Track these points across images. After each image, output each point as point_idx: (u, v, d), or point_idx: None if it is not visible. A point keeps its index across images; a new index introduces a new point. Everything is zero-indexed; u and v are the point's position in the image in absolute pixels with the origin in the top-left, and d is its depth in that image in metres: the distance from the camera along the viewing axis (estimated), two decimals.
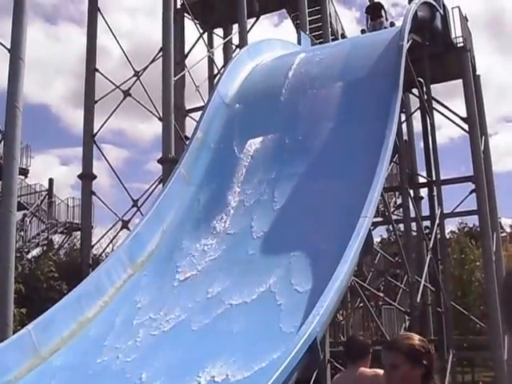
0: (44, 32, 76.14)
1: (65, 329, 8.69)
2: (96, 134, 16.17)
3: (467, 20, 18.20)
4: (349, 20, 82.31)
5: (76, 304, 9.09)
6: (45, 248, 19.12)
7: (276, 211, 10.48)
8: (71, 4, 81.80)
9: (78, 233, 18.57)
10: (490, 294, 16.36)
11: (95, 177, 16.08)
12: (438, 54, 16.87)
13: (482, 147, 17.33)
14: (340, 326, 18.23)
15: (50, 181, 21.84)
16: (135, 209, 15.72)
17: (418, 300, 13.10)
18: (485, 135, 18.28)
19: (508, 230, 45.42)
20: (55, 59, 67.59)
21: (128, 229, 15.35)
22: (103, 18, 16.63)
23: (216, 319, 8.44)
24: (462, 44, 17.36)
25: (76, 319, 8.93)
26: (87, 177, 15.86)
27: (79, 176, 16.03)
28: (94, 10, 16.72)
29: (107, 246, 18.46)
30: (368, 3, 18.32)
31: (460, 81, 17.49)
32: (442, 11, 16.56)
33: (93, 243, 17.03)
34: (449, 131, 63.64)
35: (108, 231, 17.64)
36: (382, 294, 17.58)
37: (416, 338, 2.86)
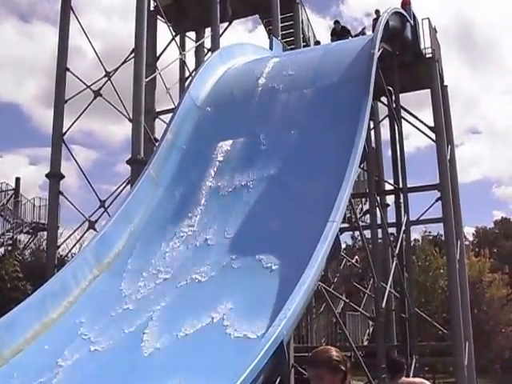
0: (18, 30, 74.98)
1: (28, 329, 8.58)
2: (65, 133, 15.99)
3: (436, 32, 18.58)
4: (322, 28, 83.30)
5: (40, 304, 9.00)
6: (9, 248, 18.82)
7: (244, 214, 10.53)
8: (47, 3, 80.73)
9: (44, 233, 18.32)
10: (452, 302, 16.66)
11: (63, 176, 15.90)
12: (407, 63, 17.20)
13: (448, 156, 17.69)
14: (304, 330, 18.33)
15: (17, 180, 21.52)
16: (102, 210, 15.58)
17: (383, 306, 13.26)
18: (451, 145, 18.65)
19: (470, 238, 46.44)
20: (29, 58, 66.65)
21: (95, 229, 15.20)
22: (76, 17, 16.51)
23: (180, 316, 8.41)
24: (430, 55, 17.71)
25: (40, 320, 8.84)
26: (55, 176, 15.67)
27: (47, 175, 15.83)
28: (66, 9, 16.56)
29: (73, 246, 18.24)
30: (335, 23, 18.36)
31: (429, 90, 17.85)
32: (412, 22, 16.87)
33: (59, 243, 16.83)
34: (416, 140, 64.72)
35: (74, 231, 17.42)
36: (346, 300, 17.74)
37: (333, 350, 3.24)
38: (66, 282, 9.49)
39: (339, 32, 17.88)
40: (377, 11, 17.34)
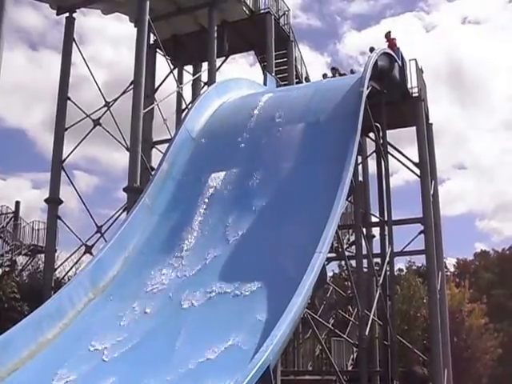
0: (27, 57, 75.72)
1: (24, 349, 8.92)
2: (65, 160, 16.52)
3: (423, 72, 19.33)
4: (319, 65, 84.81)
5: (36, 325, 9.37)
6: (8, 269, 19.10)
7: (235, 243, 10.95)
8: (57, 32, 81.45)
9: (42, 255, 18.67)
10: (433, 330, 17.20)
11: (61, 202, 16.41)
12: (394, 101, 17.76)
13: (432, 191, 18.29)
14: (291, 355, 18.64)
15: (17, 203, 21.93)
16: (99, 235, 16.00)
17: (367, 333, 13.62)
18: (435, 180, 19.28)
19: (452, 269, 47.12)
20: (37, 85, 67.23)
21: (91, 254, 15.62)
22: (78, 48, 17.15)
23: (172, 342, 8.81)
24: (417, 94, 18.41)
25: (36, 340, 9.19)
26: (54, 201, 16.19)
27: (46, 200, 16.33)
28: (69, 40, 17.23)
29: (70, 269, 18.65)
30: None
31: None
32: (400, 62, 17.57)
33: (56, 266, 17.23)
34: (405, 174, 65.48)
35: (71, 255, 17.90)
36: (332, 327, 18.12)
37: None
38: (61, 305, 9.90)
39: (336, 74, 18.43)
40: (371, 49, 17.92)
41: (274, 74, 18.44)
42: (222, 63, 20.41)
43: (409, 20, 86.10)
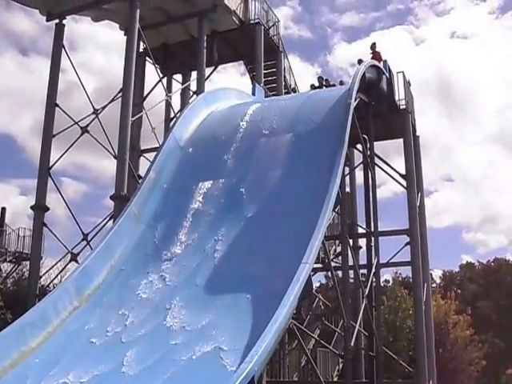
0: (17, 63, 75.47)
1: (6, 358, 8.85)
2: (52, 167, 16.46)
3: (410, 84, 19.47)
4: (310, 75, 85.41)
5: (20, 333, 9.31)
6: None
7: (221, 253, 10.96)
8: (48, 38, 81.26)
9: (27, 262, 18.53)
10: (418, 341, 17.24)
11: (48, 209, 16.33)
12: (382, 113, 17.84)
13: (418, 203, 18.39)
14: (277, 365, 18.61)
15: (2, 210, 21.70)
16: (85, 242, 15.93)
17: (352, 344, 13.64)
18: (421, 192, 19.39)
19: (438, 280, 47.49)
20: (27, 90, 67.05)
21: (77, 261, 15.55)
22: (67, 55, 17.16)
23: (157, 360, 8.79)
24: (404, 106, 18.50)
25: (19, 348, 9.13)
26: (40, 208, 16.11)
27: (32, 207, 16.24)
28: (58, 46, 17.22)
29: (55, 277, 18.49)
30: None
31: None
32: (387, 75, 17.69)
33: (41, 274, 17.13)
34: (393, 186, 65.92)
35: (57, 263, 17.78)
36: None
37: None
38: (46, 313, 9.85)
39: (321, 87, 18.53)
40: (359, 61, 18.03)
41: (262, 84, 18.52)
42: (211, 72, 20.49)
43: (398, 33, 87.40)
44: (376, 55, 18.01)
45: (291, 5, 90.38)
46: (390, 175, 18.57)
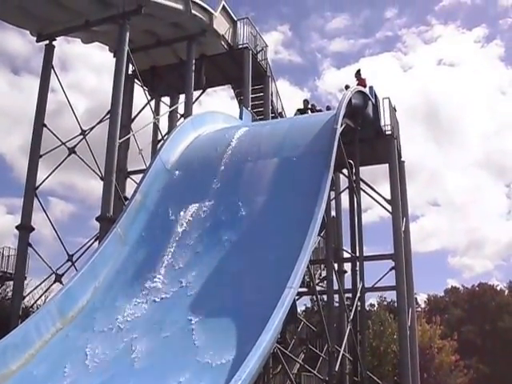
0: (9, 82, 75.57)
1: None
2: (38, 187, 16.42)
3: (396, 110, 19.81)
4: (300, 99, 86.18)
5: (1, 355, 9.14)
6: None
7: (206, 276, 10.93)
8: (41, 58, 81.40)
9: (11, 282, 18.34)
10: (403, 366, 17.26)
11: (33, 229, 16.23)
12: (368, 138, 18.10)
13: (403, 228, 18.55)
14: None
15: None
16: (70, 263, 15.84)
17: (337, 369, 13.61)
18: (406, 217, 19.58)
19: (423, 305, 47.53)
20: (17, 109, 67.07)
21: (61, 282, 15.43)
22: (56, 76, 17.23)
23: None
24: (389, 132, 18.81)
25: None
26: (25, 228, 16.01)
27: (17, 227, 16.15)
28: (48, 67, 17.27)
29: (39, 298, 18.34)
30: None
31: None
32: (373, 100, 17.97)
33: (25, 294, 16.90)
34: (379, 210, 66.42)
35: (41, 283, 17.60)
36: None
37: None
38: (28, 334, 9.72)
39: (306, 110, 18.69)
40: (346, 87, 18.25)
41: (250, 109, 18.68)
42: (199, 96, 20.64)
43: (387, 60, 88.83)
44: (361, 82, 18.27)
45: (282, 30, 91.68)
46: (376, 200, 18.76)
